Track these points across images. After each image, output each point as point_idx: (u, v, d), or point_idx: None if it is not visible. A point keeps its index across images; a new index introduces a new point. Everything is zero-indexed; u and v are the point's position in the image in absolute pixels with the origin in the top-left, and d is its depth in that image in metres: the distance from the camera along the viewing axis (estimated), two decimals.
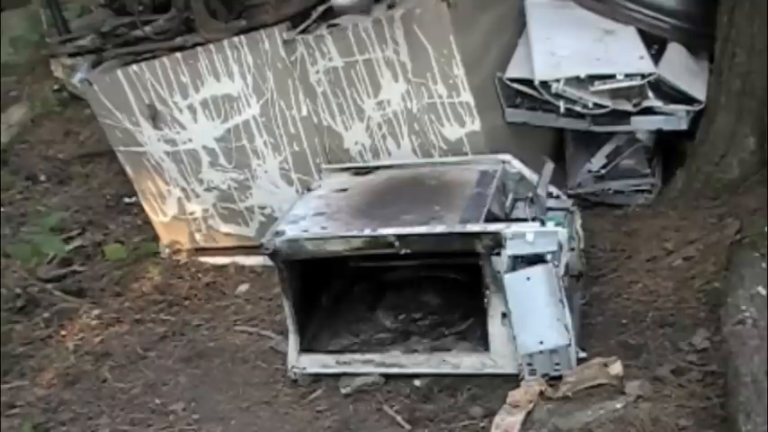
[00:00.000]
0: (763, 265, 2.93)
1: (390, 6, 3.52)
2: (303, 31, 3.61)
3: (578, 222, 3.34)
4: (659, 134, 3.73)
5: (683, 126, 3.57)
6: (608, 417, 2.63)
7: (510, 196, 3.15)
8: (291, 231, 3.18)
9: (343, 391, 3.14)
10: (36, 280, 4.29)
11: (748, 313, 2.73)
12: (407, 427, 2.92)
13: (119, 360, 3.69)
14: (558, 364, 2.86)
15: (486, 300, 2.94)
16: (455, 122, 3.55)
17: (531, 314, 2.84)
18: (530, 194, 3.14)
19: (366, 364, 3.18)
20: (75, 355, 3.78)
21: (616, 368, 2.71)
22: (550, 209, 3.13)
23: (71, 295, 4.19)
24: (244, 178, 3.98)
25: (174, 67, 3.84)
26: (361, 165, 3.62)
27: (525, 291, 2.82)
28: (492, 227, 2.91)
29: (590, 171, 3.78)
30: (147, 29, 3.88)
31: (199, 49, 3.76)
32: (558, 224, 2.93)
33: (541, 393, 2.77)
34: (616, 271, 3.39)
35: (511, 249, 2.85)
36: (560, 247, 2.85)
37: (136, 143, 4.09)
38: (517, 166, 3.34)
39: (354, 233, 3.05)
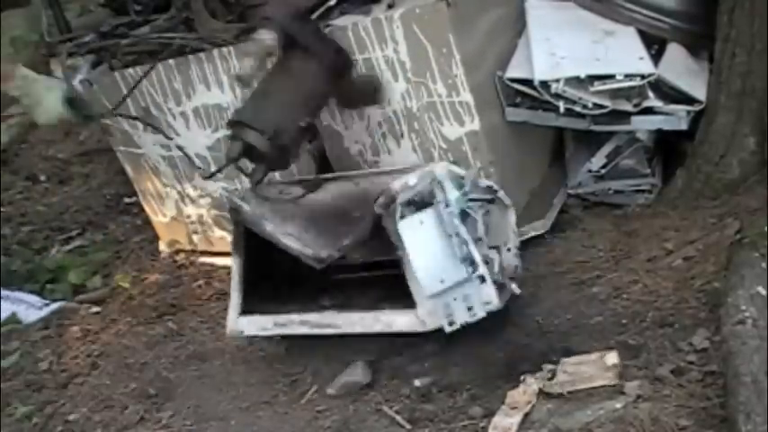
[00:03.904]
0: (763, 265, 2.93)
1: (390, 6, 3.52)
2: None
3: (513, 219, 3.34)
4: (659, 134, 3.73)
5: (683, 126, 3.57)
6: (608, 417, 2.63)
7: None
8: (255, 205, 3.26)
9: (329, 391, 3.15)
10: (34, 281, 4.30)
11: (748, 313, 2.72)
12: (407, 426, 2.92)
13: (118, 361, 3.69)
14: (471, 307, 2.91)
15: (401, 261, 2.99)
16: (455, 122, 3.55)
17: (430, 257, 2.89)
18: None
19: (302, 325, 3.23)
20: (75, 356, 3.78)
21: (612, 358, 2.71)
22: (472, 199, 3.13)
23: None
24: (234, 189, 3.98)
25: (167, 74, 3.85)
26: (307, 177, 3.64)
27: (420, 235, 2.90)
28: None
29: (590, 171, 3.78)
30: (146, 29, 3.88)
31: (190, 57, 3.77)
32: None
33: (540, 391, 2.77)
34: (616, 271, 3.38)
35: (401, 198, 2.95)
36: (441, 185, 2.93)
37: (134, 145, 4.10)
38: (455, 171, 3.33)
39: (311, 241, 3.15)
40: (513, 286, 3.04)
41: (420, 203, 2.94)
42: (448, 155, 3.60)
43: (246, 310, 3.35)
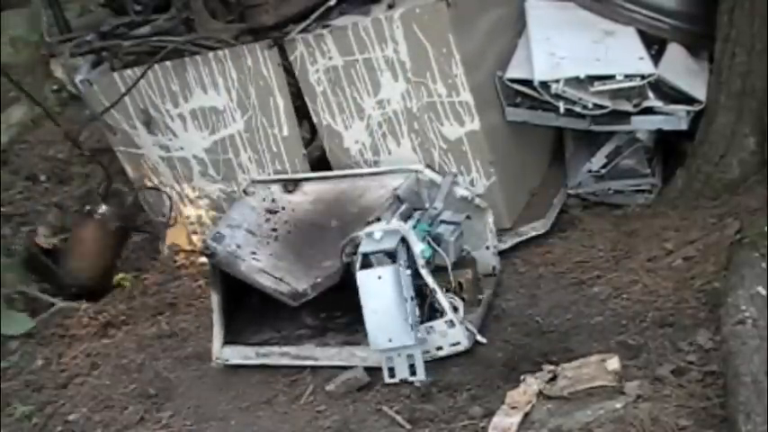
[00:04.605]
0: (763, 265, 2.93)
1: (390, 6, 3.52)
2: (302, 31, 3.61)
3: (491, 220, 3.47)
4: (659, 134, 3.73)
5: (683, 126, 3.57)
6: (608, 417, 2.62)
7: (404, 205, 3.25)
8: (229, 239, 3.40)
9: (328, 388, 3.15)
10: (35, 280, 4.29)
11: (748, 313, 2.72)
12: (407, 426, 2.92)
13: (117, 361, 3.68)
14: (413, 366, 3.02)
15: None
16: (455, 122, 3.55)
17: (383, 313, 2.98)
18: (426, 206, 3.31)
19: (283, 357, 3.33)
20: (74, 356, 3.78)
21: (613, 363, 2.71)
22: (443, 222, 3.23)
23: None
24: (231, 191, 3.99)
25: (165, 75, 3.84)
26: (288, 177, 3.73)
27: (376, 289, 2.97)
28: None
29: (590, 171, 3.78)
30: (146, 28, 3.88)
31: (186, 59, 3.77)
32: (420, 228, 3.10)
33: (540, 392, 2.77)
34: (616, 271, 3.38)
35: (363, 247, 3.02)
36: (405, 242, 3.01)
37: (134, 145, 4.10)
38: (428, 174, 3.45)
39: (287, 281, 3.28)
40: (479, 336, 3.13)
41: (388, 253, 3.00)
42: (448, 155, 3.60)
43: (230, 340, 3.45)
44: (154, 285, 4.14)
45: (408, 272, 3.01)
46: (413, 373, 3.03)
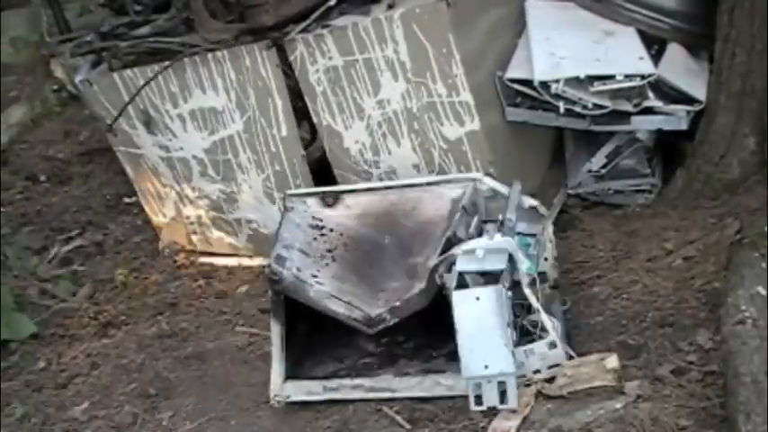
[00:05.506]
0: (763, 265, 2.93)
1: (390, 6, 3.52)
2: (302, 31, 3.61)
3: (550, 230, 3.29)
4: (659, 134, 3.73)
5: (683, 126, 3.57)
6: (608, 417, 2.63)
7: (475, 218, 3.06)
8: (290, 262, 3.15)
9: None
10: (35, 280, 4.29)
11: (748, 313, 2.72)
12: (407, 426, 2.92)
13: (117, 361, 3.69)
14: (504, 393, 2.77)
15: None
16: (455, 122, 3.55)
17: (479, 336, 2.75)
18: (500, 217, 3.04)
19: (356, 390, 3.08)
20: (74, 356, 3.78)
21: (612, 362, 2.71)
22: (519, 233, 3.03)
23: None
24: (231, 191, 3.99)
25: (164, 76, 3.84)
26: (327, 189, 3.46)
27: (474, 311, 2.75)
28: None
29: (590, 171, 3.78)
30: (146, 29, 3.88)
31: (185, 60, 3.77)
32: (520, 243, 2.90)
33: (539, 392, 2.77)
34: (616, 271, 3.38)
35: (461, 266, 2.80)
36: (512, 261, 2.80)
37: (134, 145, 4.10)
38: (489, 183, 3.23)
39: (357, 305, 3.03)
40: (573, 354, 2.92)
41: (485, 274, 2.78)
42: (448, 155, 3.60)
43: (291, 374, 3.18)
44: (154, 285, 4.15)
45: (509, 293, 2.78)
46: (503, 400, 2.78)
